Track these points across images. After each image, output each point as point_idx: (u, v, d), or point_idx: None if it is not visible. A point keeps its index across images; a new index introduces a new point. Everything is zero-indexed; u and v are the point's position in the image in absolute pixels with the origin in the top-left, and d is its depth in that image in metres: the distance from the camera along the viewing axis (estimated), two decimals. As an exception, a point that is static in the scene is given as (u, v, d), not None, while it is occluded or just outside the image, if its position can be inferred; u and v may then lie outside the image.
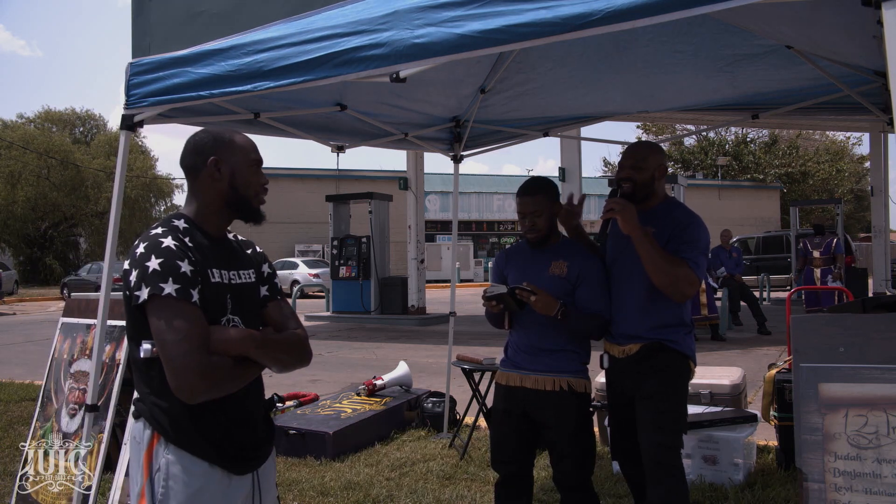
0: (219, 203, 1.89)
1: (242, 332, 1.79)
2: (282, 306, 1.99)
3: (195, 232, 1.84)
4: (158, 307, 1.67)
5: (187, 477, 1.74)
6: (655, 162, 2.80)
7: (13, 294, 23.73)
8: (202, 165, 1.87)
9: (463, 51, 2.06)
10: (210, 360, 1.68)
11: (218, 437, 1.78)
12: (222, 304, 1.82)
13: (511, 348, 2.92)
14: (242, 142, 1.92)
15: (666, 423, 2.66)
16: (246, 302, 1.89)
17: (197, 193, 1.89)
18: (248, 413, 1.86)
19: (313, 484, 4.16)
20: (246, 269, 1.93)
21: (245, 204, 1.91)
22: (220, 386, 1.71)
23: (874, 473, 1.83)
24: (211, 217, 1.89)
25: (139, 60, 2.85)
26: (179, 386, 1.65)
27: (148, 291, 1.68)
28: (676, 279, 2.61)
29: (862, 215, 36.58)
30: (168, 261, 1.71)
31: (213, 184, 1.87)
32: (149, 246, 1.74)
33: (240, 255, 1.96)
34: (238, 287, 1.87)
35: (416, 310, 15.17)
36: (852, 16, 2.52)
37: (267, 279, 2.00)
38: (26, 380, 7.99)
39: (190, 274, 1.72)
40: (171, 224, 1.83)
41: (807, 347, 1.97)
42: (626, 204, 2.66)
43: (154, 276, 1.69)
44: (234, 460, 1.81)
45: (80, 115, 39.37)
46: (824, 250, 11.21)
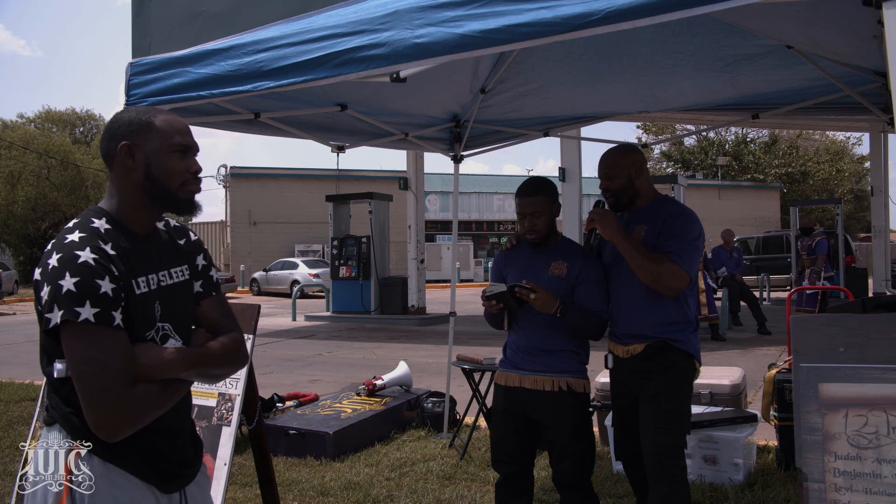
0: (138, 196, 1.63)
1: (171, 353, 1.58)
2: (217, 303, 1.79)
3: (118, 234, 1.59)
4: (73, 334, 1.45)
5: (118, 493, 1.56)
6: (627, 163, 2.81)
7: (13, 294, 23.73)
8: (113, 152, 1.63)
9: (463, 51, 2.06)
10: (133, 394, 1.48)
11: (147, 451, 1.61)
12: (150, 314, 1.61)
13: (510, 349, 2.92)
14: (163, 123, 1.65)
15: (669, 422, 2.66)
16: (178, 304, 1.70)
17: (115, 184, 1.65)
18: (177, 428, 1.70)
19: (313, 484, 4.16)
20: (177, 266, 1.72)
21: (167, 196, 1.64)
22: (144, 419, 1.52)
23: (874, 473, 1.83)
24: (134, 213, 1.65)
25: (139, 60, 2.85)
26: (99, 426, 1.46)
27: (61, 315, 1.45)
28: (660, 274, 2.64)
29: (862, 215, 36.58)
30: (85, 279, 1.47)
31: (128, 173, 1.62)
32: (63, 259, 1.49)
33: (170, 250, 1.73)
34: (168, 289, 1.67)
35: (416, 310, 15.18)
36: (852, 16, 2.52)
37: (201, 273, 1.79)
38: (26, 380, 7.99)
39: (111, 293, 1.49)
40: (91, 226, 1.57)
41: (807, 347, 1.97)
42: (604, 213, 2.73)
43: (68, 299, 1.45)
44: (164, 478, 1.65)
45: (81, 115, 39.40)
46: (809, 251, 11.26)
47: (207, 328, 1.74)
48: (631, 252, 2.67)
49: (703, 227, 2.82)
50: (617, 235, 2.69)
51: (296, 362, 9.47)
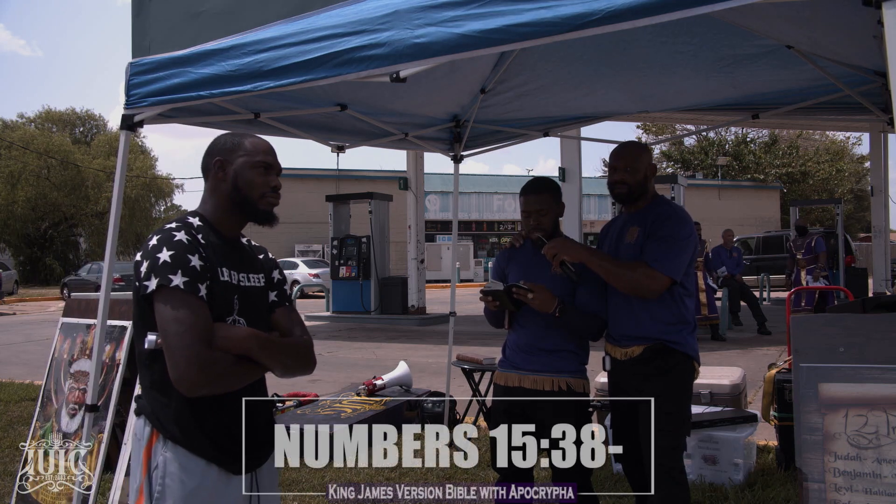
0: (227, 204, 1.91)
1: (247, 330, 1.79)
2: (290, 313, 2.00)
3: (208, 231, 1.87)
4: (165, 298, 1.68)
5: (184, 474, 1.73)
6: (646, 162, 2.82)
7: (13, 294, 23.73)
8: (211, 167, 1.91)
9: (463, 51, 2.06)
10: (211, 355, 1.68)
11: (217, 434, 1.78)
12: (229, 303, 1.82)
13: (509, 348, 2.92)
14: (251, 144, 1.94)
15: (670, 425, 2.65)
16: (253, 305, 1.90)
17: (208, 193, 1.93)
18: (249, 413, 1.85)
19: (313, 484, 4.17)
20: (256, 274, 1.95)
21: (249, 205, 1.91)
22: (219, 381, 1.71)
23: (874, 473, 1.83)
24: (223, 218, 1.92)
25: (139, 60, 2.85)
26: (179, 377, 1.66)
27: (157, 282, 1.69)
28: (637, 280, 2.66)
29: (862, 215, 36.57)
30: (179, 253, 1.73)
31: (218, 184, 1.91)
32: (161, 238, 1.76)
33: (251, 258, 1.98)
34: (246, 289, 1.89)
35: (416, 310, 15.17)
36: (852, 16, 2.52)
37: (276, 285, 2.01)
38: (26, 380, 7.99)
39: (199, 268, 1.74)
40: (186, 221, 1.86)
41: (807, 347, 1.97)
42: (558, 241, 2.75)
43: (164, 268, 1.70)
44: (231, 458, 1.80)
45: (80, 115, 39.40)
46: (806, 251, 11.23)
47: (280, 333, 1.95)
48: (602, 266, 2.70)
49: (694, 227, 2.82)
50: (584, 254, 2.72)
51: (296, 362, 9.46)
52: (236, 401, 1.81)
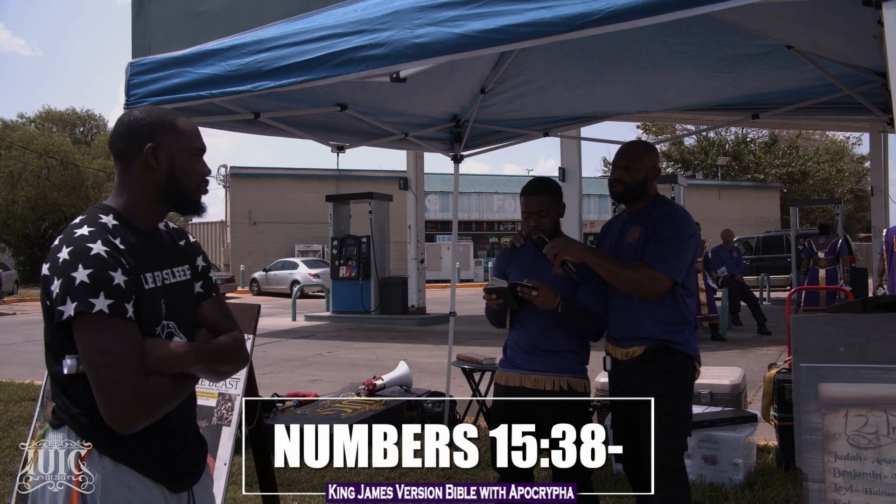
0: (153, 195, 1.66)
1: (182, 346, 1.62)
2: (217, 303, 1.82)
3: (125, 230, 1.61)
4: (88, 326, 1.46)
5: (130, 494, 1.56)
6: (649, 163, 2.81)
7: (13, 294, 23.73)
8: (136, 152, 1.63)
9: (463, 51, 2.06)
10: (147, 385, 1.50)
11: (158, 451, 1.62)
12: (157, 310, 1.63)
13: (510, 348, 2.92)
14: (185, 126, 1.70)
15: (671, 425, 2.65)
16: (181, 303, 1.71)
17: (128, 183, 1.66)
18: (184, 427, 1.71)
19: (313, 484, 4.17)
20: (180, 266, 1.74)
21: (185, 197, 1.70)
22: (158, 411, 1.54)
23: (874, 473, 1.83)
24: (143, 210, 1.67)
25: (139, 60, 2.85)
26: (114, 417, 1.47)
27: (75, 307, 1.45)
28: (638, 281, 2.66)
29: (862, 215, 36.56)
30: (99, 271, 1.48)
31: (149, 174, 1.64)
32: (74, 252, 1.49)
33: (172, 250, 1.75)
34: (172, 287, 1.68)
35: (416, 310, 15.17)
36: (852, 16, 2.52)
37: (201, 274, 1.81)
38: (26, 380, 7.99)
39: (124, 285, 1.51)
40: (99, 221, 1.59)
41: (807, 347, 1.97)
42: (561, 241, 2.74)
43: (82, 290, 1.46)
44: (174, 477, 1.65)
45: (81, 115, 39.38)
46: (829, 251, 11.20)
47: (208, 328, 1.76)
48: (603, 265, 2.69)
49: (696, 227, 2.82)
50: (585, 254, 2.72)
51: (296, 362, 9.47)
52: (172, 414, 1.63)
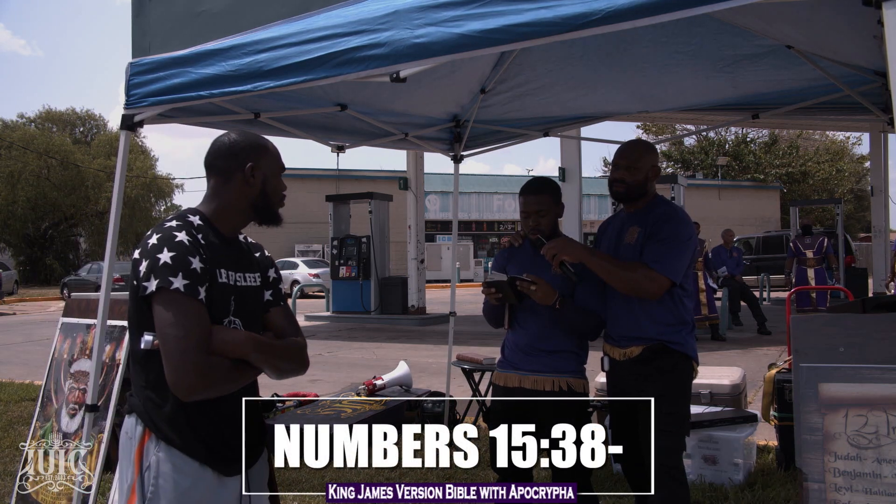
0: (244, 206, 1.91)
1: (244, 334, 1.79)
2: (284, 312, 2.00)
3: (208, 230, 1.84)
4: (165, 301, 1.67)
5: (177, 475, 1.73)
6: (649, 162, 2.80)
7: (13, 294, 23.73)
8: (237, 169, 1.88)
9: (463, 51, 2.06)
10: (209, 360, 1.67)
11: (210, 436, 1.78)
12: (226, 305, 1.81)
13: (508, 349, 2.91)
14: (275, 150, 1.96)
15: (670, 425, 2.65)
16: (249, 305, 1.89)
17: (221, 194, 1.90)
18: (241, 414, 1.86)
19: (313, 484, 4.17)
20: (252, 273, 1.94)
21: (270, 210, 1.94)
22: (216, 386, 1.71)
23: (874, 473, 1.83)
24: (229, 218, 1.90)
25: (139, 60, 2.85)
26: (176, 382, 1.65)
27: (156, 283, 1.68)
28: (636, 281, 2.66)
29: (862, 215, 36.57)
30: (180, 255, 1.71)
31: (245, 188, 1.89)
32: (162, 238, 1.74)
33: (248, 257, 1.96)
34: (243, 290, 1.87)
35: (416, 310, 15.17)
36: (852, 16, 2.52)
37: (272, 284, 2.01)
38: (26, 380, 7.99)
39: (200, 271, 1.72)
40: (186, 219, 1.83)
41: (807, 347, 1.97)
42: (558, 241, 2.73)
43: (164, 269, 1.68)
44: (224, 461, 1.81)
45: (81, 115, 39.36)
46: (817, 250, 11.22)
47: (275, 333, 1.94)
48: (601, 266, 2.69)
49: (694, 227, 2.82)
50: (583, 254, 2.71)
51: (296, 362, 9.46)
52: (229, 403, 1.81)
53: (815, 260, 11.20)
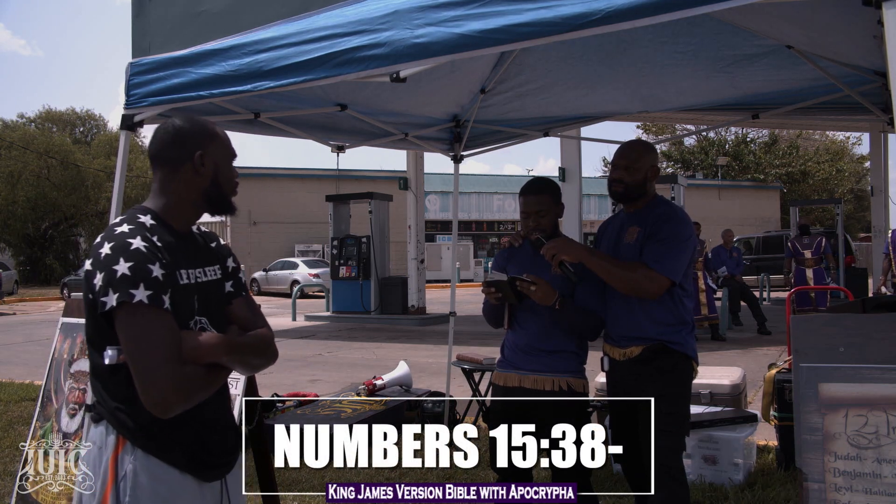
0: (195, 198, 1.79)
1: (213, 338, 1.70)
2: (247, 303, 1.90)
3: (162, 229, 1.72)
4: (129, 315, 1.56)
5: (156, 484, 1.65)
6: (648, 162, 2.80)
7: (13, 294, 23.73)
8: (186, 159, 1.76)
9: (463, 51, 2.06)
10: (183, 372, 1.59)
11: (189, 442, 1.70)
12: (190, 305, 1.72)
13: (508, 349, 2.91)
14: (223, 135, 1.84)
15: (670, 425, 2.65)
16: (213, 301, 1.81)
17: (171, 187, 1.77)
18: (217, 418, 1.80)
19: (313, 484, 4.17)
20: (211, 266, 1.84)
21: (224, 200, 1.83)
22: (194, 397, 1.63)
23: (874, 473, 1.83)
24: (182, 212, 1.79)
25: (139, 60, 2.85)
26: (153, 401, 1.56)
27: (117, 298, 1.55)
28: (636, 281, 2.65)
29: (862, 215, 36.56)
30: (139, 264, 1.59)
31: (195, 179, 1.77)
32: (116, 247, 1.61)
33: (205, 250, 1.86)
34: (204, 286, 1.78)
35: (416, 310, 15.17)
36: (852, 16, 2.52)
37: (231, 274, 1.91)
38: (26, 380, 7.99)
39: (162, 278, 1.61)
40: (138, 220, 1.70)
41: (807, 347, 1.97)
42: (557, 241, 2.73)
43: (123, 281, 1.56)
44: (204, 467, 1.73)
45: (81, 115, 39.37)
46: (815, 250, 11.22)
47: (239, 325, 1.84)
48: (601, 265, 2.69)
49: (693, 227, 2.82)
50: (583, 254, 2.71)
51: (296, 362, 9.47)
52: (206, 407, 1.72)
53: (813, 260, 11.20)
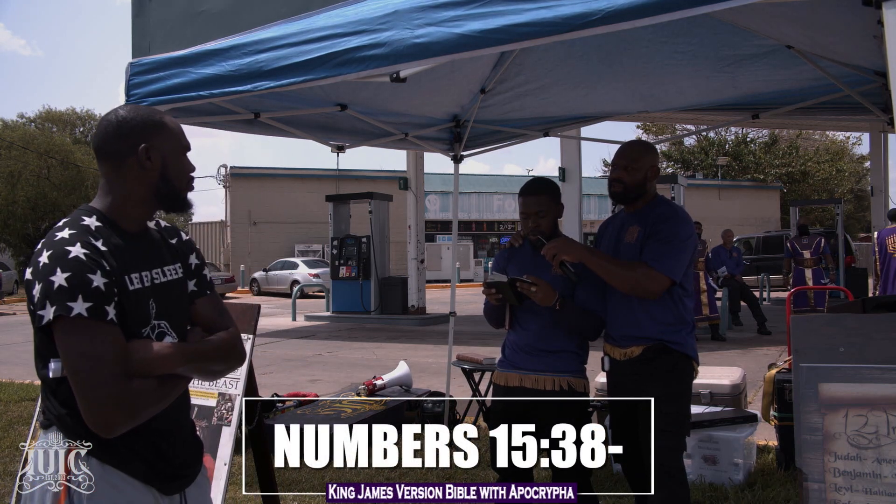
0: (144, 195, 1.65)
1: (168, 347, 1.58)
2: (212, 302, 1.79)
3: (109, 231, 1.59)
4: (67, 330, 1.45)
5: (116, 495, 1.55)
6: (648, 162, 2.80)
7: (13, 294, 23.73)
8: (129, 152, 1.61)
9: (463, 51, 2.06)
10: (129, 388, 1.47)
11: (148, 452, 1.60)
12: (145, 312, 1.60)
13: (509, 348, 2.91)
14: (173, 125, 1.69)
15: (670, 426, 2.65)
16: (173, 302, 1.69)
17: (117, 183, 1.63)
18: (178, 427, 1.69)
19: (313, 484, 4.17)
20: (171, 265, 1.72)
21: (176, 195, 1.69)
22: (141, 414, 1.51)
23: (874, 473, 1.83)
24: (131, 211, 1.65)
25: (139, 60, 2.85)
26: (95, 421, 1.46)
27: (54, 311, 1.44)
28: (636, 280, 2.65)
29: (862, 215, 36.56)
30: (77, 275, 1.46)
31: (142, 174, 1.63)
32: (53, 255, 1.48)
33: (162, 249, 1.73)
34: (162, 287, 1.66)
35: (416, 310, 15.17)
36: (852, 16, 2.53)
37: (195, 272, 1.78)
38: (26, 380, 7.99)
39: (104, 287, 1.49)
40: (81, 223, 1.57)
41: (807, 347, 1.97)
42: (558, 241, 2.72)
43: (60, 294, 1.45)
44: (164, 478, 1.63)
45: (81, 115, 39.37)
46: (814, 250, 11.22)
47: (203, 327, 1.73)
48: (601, 265, 2.69)
49: (694, 227, 2.82)
50: (584, 254, 2.71)
51: (296, 362, 9.47)
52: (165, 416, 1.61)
53: (812, 260, 11.20)
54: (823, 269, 11.36)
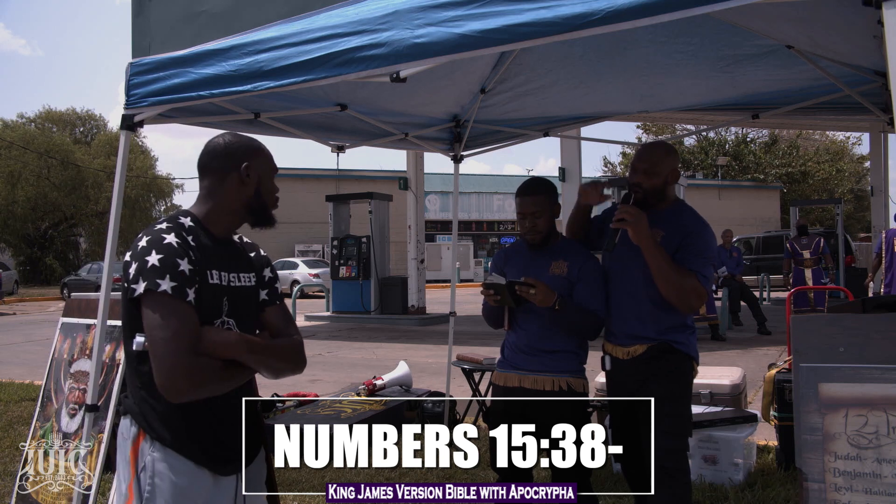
0: (237, 207, 1.92)
1: (235, 335, 1.79)
2: (280, 311, 2.00)
3: (200, 232, 1.85)
4: (153, 303, 1.68)
5: (174, 475, 1.74)
6: (669, 166, 2.77)
7: (13, 294, 23.73)
8: (232, 170, 1.90)
9: (463, 51, 2.06)
10: (197, 362, 1.67)
11: (205, 437, 1.79)
12: (218, 305, 1.82)
13: (508, 349, 2.91)
14: (268, 152, 1.99)
15: (673, 426, 2.65)
16: (243, 305, 1.90)
17: (215, 195, 1.90)
18: (237, 415, 1.87)
19: (313, 484, 4.17)
20: (246, 273, 1.94)
21: (264, 211, 1.96)
22: (204, 388, 1.71)
23: (874, 473, 1.83)
24: (223, 219, 1.91)
25: (139, 60, 2.85)
26: (164, 384, 1.66)
27: (144, 286, 1.69)
28: (685, 291, 2.61)
29: (862, 215, 36.54)
30: (168, 257, 1.71)
31: (240, 188, 1.90)
32: (151, 240, 1.74)
33: (242, 258, 1.97)
34: (236, 290, 1.88)
35: (416, 310, 15.17)
36: (852, 16, 2.52)
37: (267, 284, 2.01)
38: (26, 380, 7.99)
39: (188, 272, 1.73)
40: (177, 221, 1.83)
41: (807, 347, 1.97)
42: (638, 214, 2.62)
43: (152, 272, 1.69)
44: (220, 460, 1.82)
45: (81, 115, 39.33)
46: (813, 250, 11.22)
47: (271, 332, 1.95)
48: (660, 262, 2.61)
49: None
50: (647, 241, 2.61)
51: (296, 362, 9.46)
52: (224, 403, 1.81)
53: (811, 260, 11.20)
54: (823, 269, 11.37)
